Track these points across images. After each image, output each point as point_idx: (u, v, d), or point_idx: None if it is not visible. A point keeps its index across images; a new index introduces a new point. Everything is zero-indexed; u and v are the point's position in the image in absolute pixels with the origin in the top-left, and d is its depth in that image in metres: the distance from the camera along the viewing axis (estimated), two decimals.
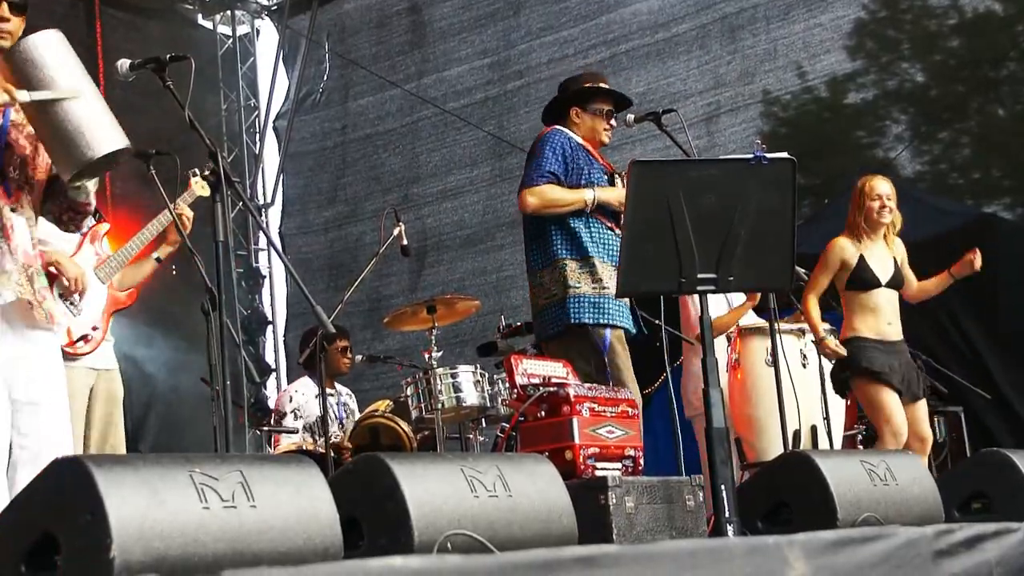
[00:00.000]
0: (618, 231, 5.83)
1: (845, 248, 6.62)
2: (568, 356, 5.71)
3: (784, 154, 4.76)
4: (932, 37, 10.29)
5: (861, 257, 6.58)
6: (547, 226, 5.94)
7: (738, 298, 7.40)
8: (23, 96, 3.89)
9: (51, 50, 3.92)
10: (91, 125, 3.90)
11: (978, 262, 6.65)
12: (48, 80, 3.88)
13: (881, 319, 6.54)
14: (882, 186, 6.68)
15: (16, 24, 4.09)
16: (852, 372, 6.49)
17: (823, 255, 6.67)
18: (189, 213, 6.09)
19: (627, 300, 5.93)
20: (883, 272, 6.59)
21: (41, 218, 4.25)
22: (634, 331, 6.00)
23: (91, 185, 4.21)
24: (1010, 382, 8.51)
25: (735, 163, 4.75)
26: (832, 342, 6.52)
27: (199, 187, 6.18)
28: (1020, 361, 8.58)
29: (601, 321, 5.82)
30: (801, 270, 6.55)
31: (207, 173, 4.05)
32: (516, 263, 10.09)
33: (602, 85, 6.25)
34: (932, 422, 7.04)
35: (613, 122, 6.18)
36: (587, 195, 5.88)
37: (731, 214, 4.39)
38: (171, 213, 4.71)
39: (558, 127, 6.09)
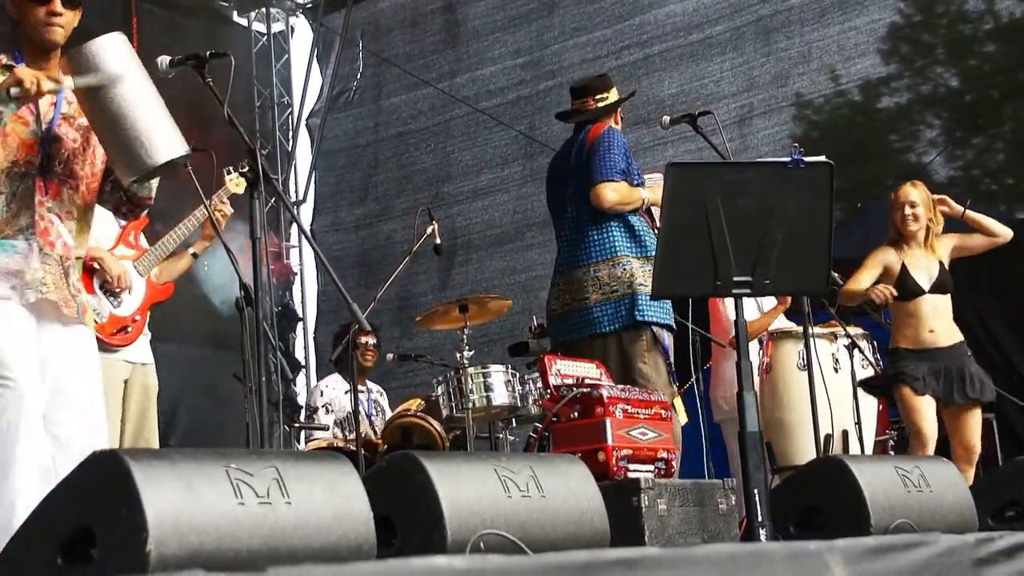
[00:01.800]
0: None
1: (888, 256, 6.65)
2: (624, 351, 5.73)
3: (822, 158, 4.73)
4: (967, 42, 10.22)
5: (903, 265, 6.57)
6: (608, 220, 5.97)
7: (768, 303, 7.38)
8: (69, 82, 3.90)
9: (114, 53, 3.92)
10: (152, 131, 3.91)
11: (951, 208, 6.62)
12: (110, 84, 3.88)
13: (923, 327, 6.55)
14: (909, 193, 6.67)
15: (70, 18, 4.11)
16: (889, 380, 6.54)
17: (867, 258, 6.70)
18: (228, 210, 6.10)
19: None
20: (925, 279, 6.58)
21: None
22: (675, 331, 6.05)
23: (153, 182, 4.26)
24: None
25: (772, 166, 4.73)
26: (880, 287, 6.51)
27: (234, 184, 6.20)
28: None
29: (664, 321, 5.87)
30: (835, 275, 6.52)
31: (245, 170, 4.03)
32: (546, 263, 10.04)
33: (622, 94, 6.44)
34: None
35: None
36: (644, 194, 5.97)
37: (767, 217, 4.37)
38: (207, 209, 4.72)
39: (613, 125, 6.18)
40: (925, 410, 6.45)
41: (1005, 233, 6.79)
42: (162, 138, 3.92)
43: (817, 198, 4.45)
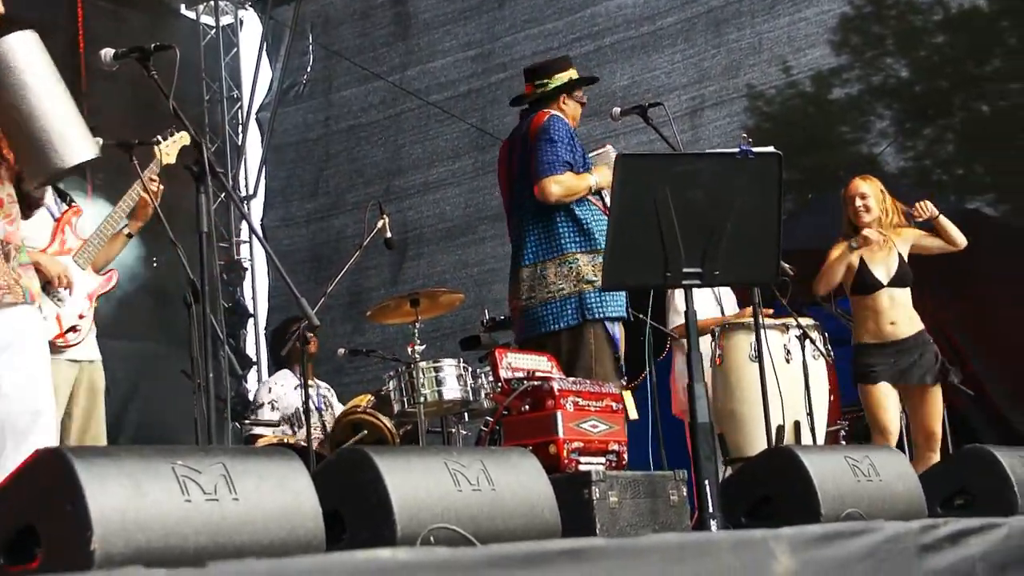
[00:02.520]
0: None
1: (846, 248, 6.68)
2: (576, 350, 5.75)
3: (770, 149, 4.77)
4: (917, 33, 10.30)
5: (861, 260, 6.62)
6: (554, 216, 5.97)
7: (729, 299, 7.42)
8: None
9: (25, 53, 3.87)
10: (62, 133, 3.85)
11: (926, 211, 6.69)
12: (20, 84, 3.83)
13: (883, 320, 6.62)
14: (859, 186, 6.73)
15: None
16: (855, 377, 6.62)
17: (819, 276, 6.75)
18: (157, 186, 5.94)
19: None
20: (884, 273, 6.63)
21: None
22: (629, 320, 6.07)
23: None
24: (992, 378, 8.55)
25: (721, 157, 4.77)
26: (867, 231, 6.55)
27: (165, 155, 6.12)
28: (1003, 357, 8.62)
29: (615, 314, 5.89)
30: (786, 265, 6.56)
31: (175, 138, 4.01)
32: (498, 256, 10.07)
33: (575, 73, 6.32)
34: None
35: (584, 101, 6.34)
36: (591, 180, 5.96)
37: (717, 208, 4.40)
38: (141, 185, 4.66)
39: (555, 113, 6.13)
40: (889, 406, 6.50)
41: (962, 243, 6.90)
42: (73, 140, 3.86)
43: (766, 189, 4.49)
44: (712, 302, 7.39)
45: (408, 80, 11.27)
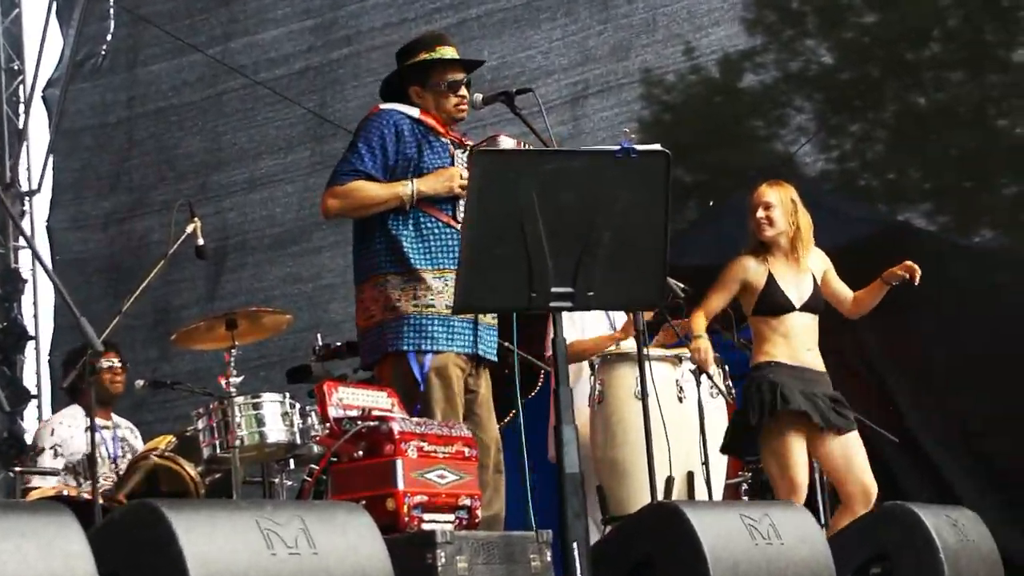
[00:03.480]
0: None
1: (748, 268, 6.74)
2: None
3: (657, 146, 4.83)
4: (842, 11, 10.52)
5: (770, 276, 6.69)
6: (372, 231, 6.01)
7: (622, 316, 7.44)
8: None
9: None
10: None
11: (917, 273, 6.81)
12: None
13: (798, 345, 6.66)
14: (765, 193, 6.82)
15: None
16: (756, 403, 6.59)
17: (722, 273, 6.79)
18: None
19: (474, 317, 5.98)
20: (797, 295, 6.71)
21: None
22: (485, 354, 6.07)
23: None
24: (922, 421, 8.72)
25: (599, 155, 4.80)
26: (704, 346, 6.62)
27: None
28: (935, 396, 8.79)
29: (424, 347, 5.88)
30: (678, 285, 6.65)
31: None
32: (337, 269, 10.08)
33: (440, 55, 6.27)
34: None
35: (464, 93, 6.22)
36: (402, 190, 5.93)
37: (593, 217, 4.44)
38: None
39: (390, 106, 6.13)
40: (801, 451, 6.55)
41: (855, 316, 7.04)
42: None
43: (652, 193, 4.54)
44: (602, 320, 7.45)
45: (231, 54, 11.23)
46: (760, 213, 6.77)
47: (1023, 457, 8.61)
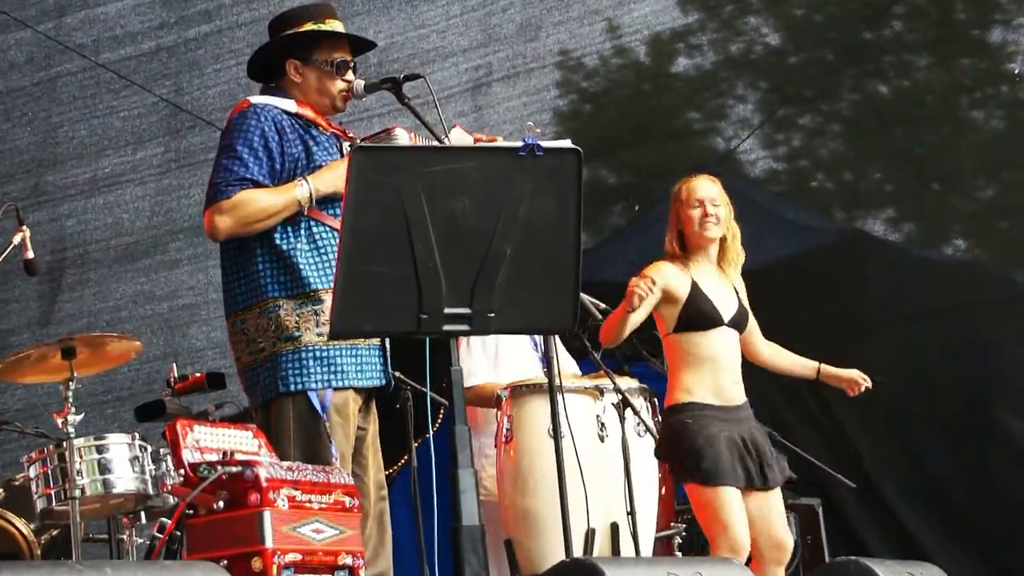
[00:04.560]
0: None
1: (671, 274, 6.78)
2: (278, 435, 5.78)
3: (567, 142, 4.90)
4: None
5: (695, 285, 6.75)
6: (251, 248, 5.98)
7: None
8: None
9: None
10: None
11: (866, 385, 6.94)
12: None
13: (723, 373, 6.71)
14: (705, 187, 6.89)
15: None
16: (678, 457, 6.66)
17: (604, 328, 6.81)
18: None
19: (380, 343, 6.02)
20: (724, 306, 6.78)
21: None
22: (382, 384, 6.11)
23: None
24: (882, 462, 8.82)
25: (498, 153, 4.86)
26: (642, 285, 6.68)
27: None
28: (896, 436, 8.90)
29: (335, 384, 5.90)
30: (596, 304, 6.70)
31: None
32: (198, 287, 10.06)
33: (331, 26, 6.30)
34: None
35: (351, 77, 6.24)
36: (298, 192, 5.92)
37: (492, 225, 4.49)
38: None
39: (262, 99, 6.12)
40: (736, 508, 6.61)
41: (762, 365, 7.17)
42: None
43: (561, 198, 4.60)
44: (526, 348, 7.51)
45: (67, 30, 11.18)
46: (709, 209, 6.81)
47: (993, 505, 8.73)
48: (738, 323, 6.82)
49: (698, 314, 6.74)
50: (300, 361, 5.87)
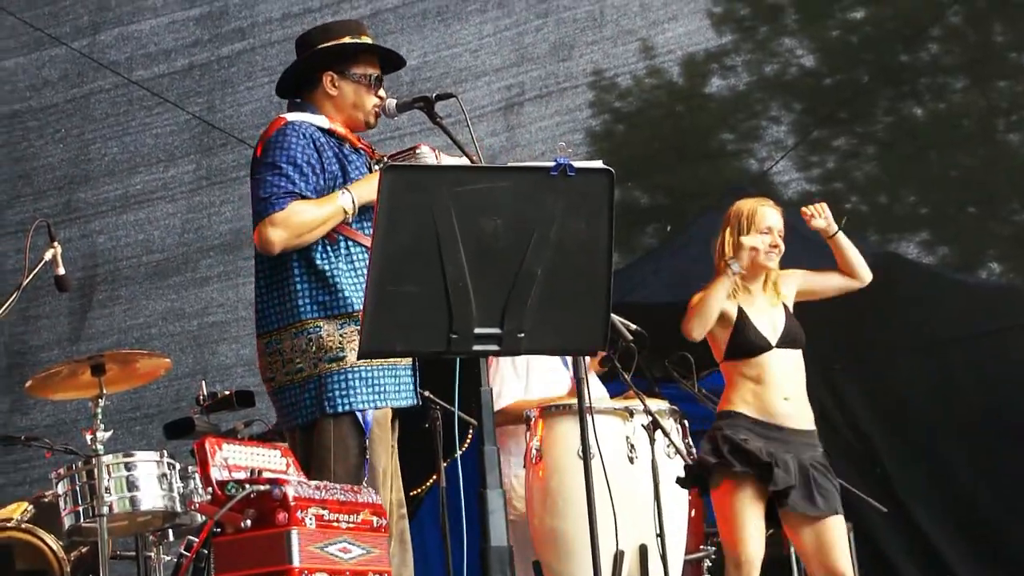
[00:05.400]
0: None
1: (722, 300, 6.81)
2: (320, 455, 5.79)
3: (598, 163, 4.90)
4: (826, 5, 10.60)
5: (741, 312, 6.76)
6: (288, 267, 5.97)
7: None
8: None
9: None
10: None
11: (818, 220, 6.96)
12: None
13: (773, 394, 6.73)
14: (774, 217, 6.88)
15: None
16: (706, 460, 6.69)
17: (690, 310, 6.84)
18: None
19: (412, 363, 6.03)
20: (771, 330, 6.78)
21: None
22: (415, 403, 6.13)
23: None
24: (912, 486, 8.78)
25: (530, 173, 4.86)
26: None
27: None
28: (928, 460, 8.86)
29: (379, 404, 5.92)
30: (628, 325, 6.70)
31: None
32: (227, 304, 10.08)
33: (367, 40, 6.32)
34: None
35: (383, 95, 6.25)
36: (342, 200, 5.93)
37: (524, 245, 4.49)
38: None
39: (296, 117, 6.12)
40: (752, 519, 6.62)
41: (866, 277, 7.06)
42: None
43: (593, 218, 4.61)
44: (558, 366, 7.51)
45: (101, 48, 11.21)
46: (775, 240, 6.82)
47: None
48: (790, 339, 6.82)
49: (746, 342, 6.76)
50: (347, 382, 5.88)
